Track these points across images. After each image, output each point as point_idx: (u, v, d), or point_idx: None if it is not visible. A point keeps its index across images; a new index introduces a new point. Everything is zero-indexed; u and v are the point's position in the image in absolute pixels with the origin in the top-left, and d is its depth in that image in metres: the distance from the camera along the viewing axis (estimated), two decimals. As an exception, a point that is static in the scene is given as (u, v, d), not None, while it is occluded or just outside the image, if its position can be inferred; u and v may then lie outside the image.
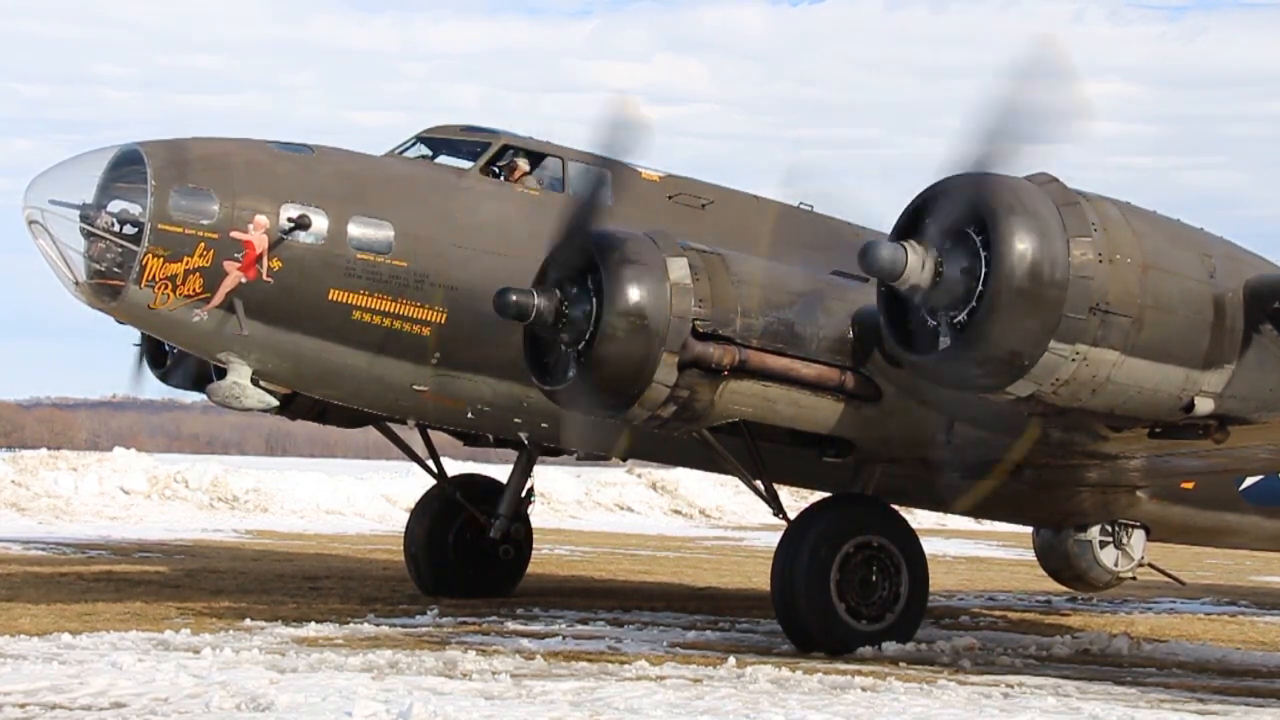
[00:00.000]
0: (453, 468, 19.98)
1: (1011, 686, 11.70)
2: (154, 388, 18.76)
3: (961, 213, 11.26)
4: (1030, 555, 19.48)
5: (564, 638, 13.84)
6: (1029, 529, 18.98)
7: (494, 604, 16.94)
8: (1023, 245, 10.96)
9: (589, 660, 12.30)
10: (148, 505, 35.32)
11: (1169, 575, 19.16)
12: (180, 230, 13.18)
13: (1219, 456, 13.61)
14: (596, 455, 17.83)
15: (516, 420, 15.07)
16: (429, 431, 18.04)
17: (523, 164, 14.92)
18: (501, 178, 14.90)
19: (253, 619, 14.21)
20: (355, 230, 13.75)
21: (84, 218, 13.08)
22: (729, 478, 18.60)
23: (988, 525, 29.08)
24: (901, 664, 12.86)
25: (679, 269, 12.71)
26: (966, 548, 34.65)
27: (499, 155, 14.89)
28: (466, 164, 14.81)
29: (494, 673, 11.15)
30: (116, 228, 13.10)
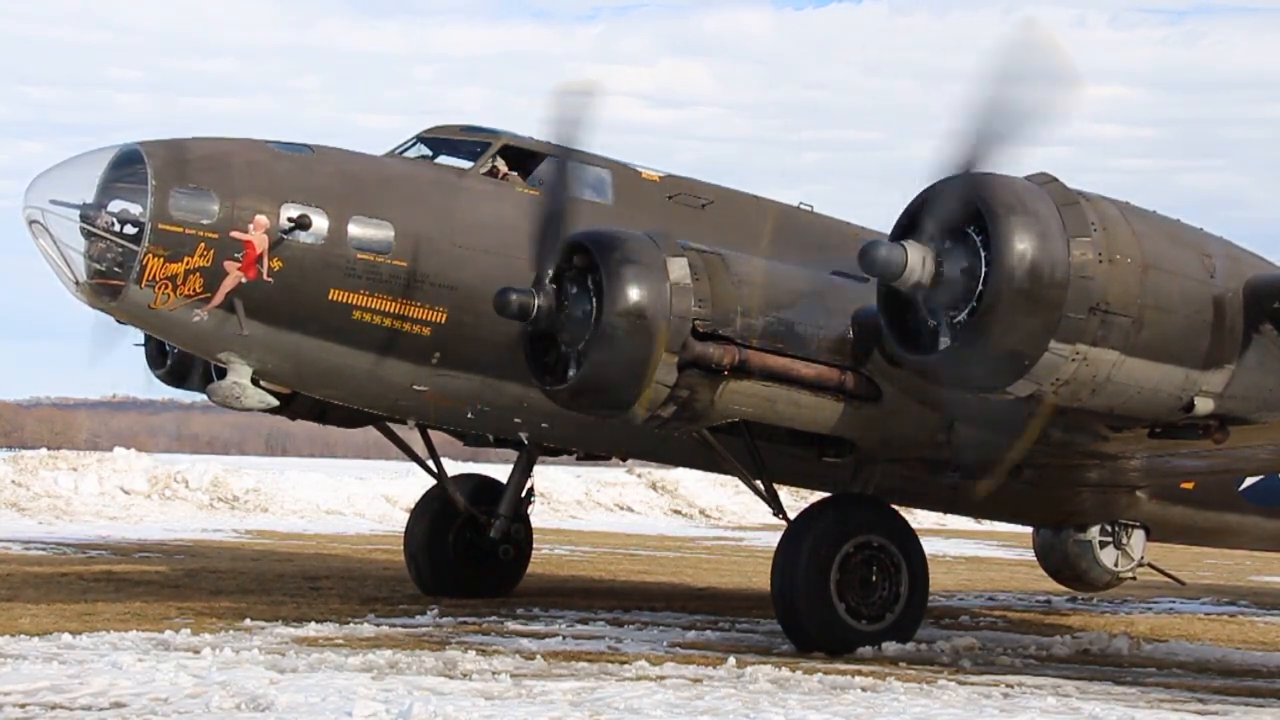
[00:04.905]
0: (453, 468, 19.97)
1: (1011, 686, 11.70)
2: (154, 388, 18.68)
3: (961, 212, 11.27)
4: (1030, 555, 19.48)
5: (564, 638, 13.84)
6: (1029, 529, 18.98)
7: (494, 604, 16.94)
8: (1023, 245, 10.96)
9: (589, 660, 12.30)
10: (148, 505, 35.32)
11: (1169, 575, 19.17)
12: (180, 230, 13.18)
13: (1219, 456, 13.61)
14: (596, 455, 17.84)
15: (516, 420, 15.07)
16: (429, 431, 18.03)
17: (501, 165, 14.89)
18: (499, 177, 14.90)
19: (253, 619, 14.21)
20: (355, 230, 13.74)
21: (84, 218, 13.07)
22: (729, 478, 18.59)
23: (988, 525, 29.11)
24: (901, 664, 12.86)
25: (679, 269, 12.71)
26: (966, 548, 34.66)
27: (499, 155, 14.89)
28: (467, 164, 14.81)
29: (494, 673, 11.14)
30: (117, 228, 13.09)
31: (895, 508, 14.51)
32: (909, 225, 11.54)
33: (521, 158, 15.01)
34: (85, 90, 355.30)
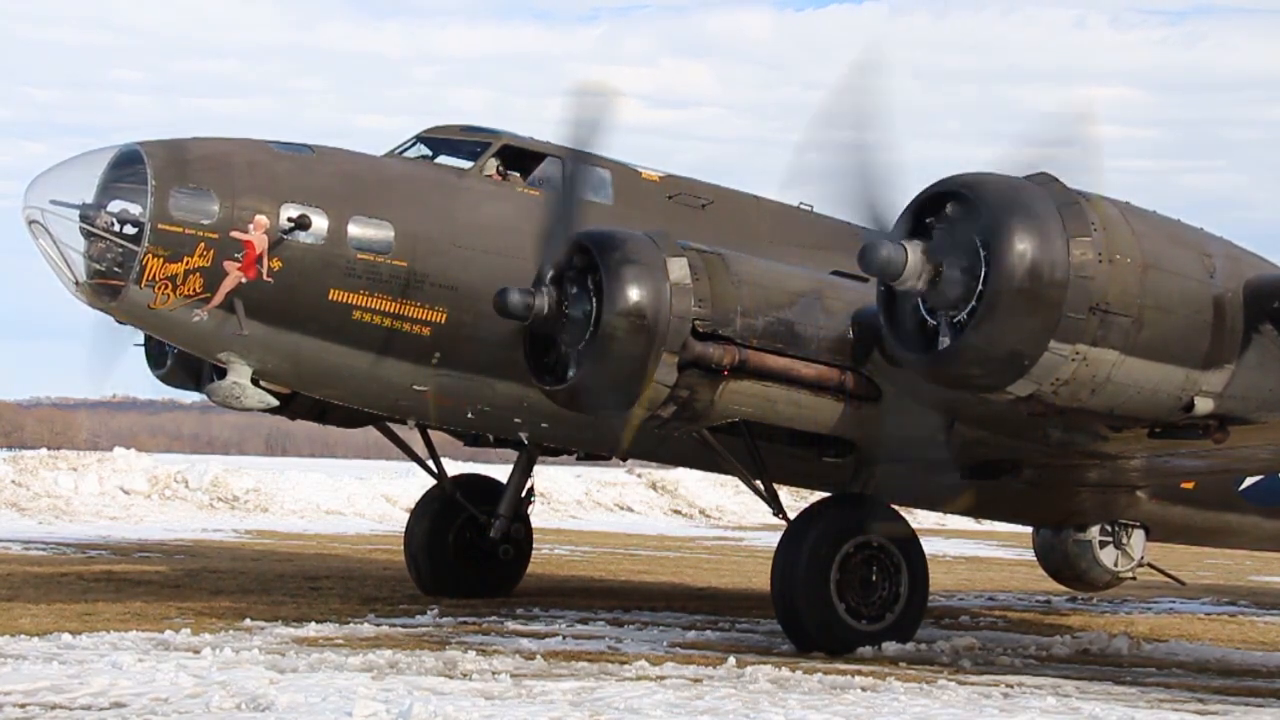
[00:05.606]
0: (453, 468, 19.97)
1: (1011, 686, 11.71)
2: (154, 387, 18.68)
3: (962, 213, 11.28)
4: (1030, 555, 19.47)
5: (564, 638, 13.85)
6: (1029, 529, 18.97)
7: (494, 604, 16.94)
8: (1022, 245, 10.96)
9: (589, 660, 12.30)
10: (148, 505, 35.32)
11: (1169, 575, 19.16)
12: (180, 230, 13.17)
13: (1219, 456, 13.60)
14: (596, 455, 17.83)
15: (516, 420, 15.06)
16: (429, 431, 18.03)
17: (501, 165, 14.88)
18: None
19: (253, 619, 14.21)
20: (355, 230, 13.74)
21: (84, 218, 13.07)
22: (729, 478, 18.60)
23: (988, 525, 29.11)
24: (901, 664, 12.86)
25: (679, 269, 12.71)
26: (966, 548, 34.65)
27: (499, 155, 14.89)
28: (466, 164, 14.81)
29: (494, 673, 11.15)
30: (116, 228, 13.09)
31: (895, 508, 14.51)
32: (909, 225, 11.54)
33: (521, 158, 15.01)
34: (88, 91, 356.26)
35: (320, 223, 13.60)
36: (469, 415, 14.99)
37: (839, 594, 13.53)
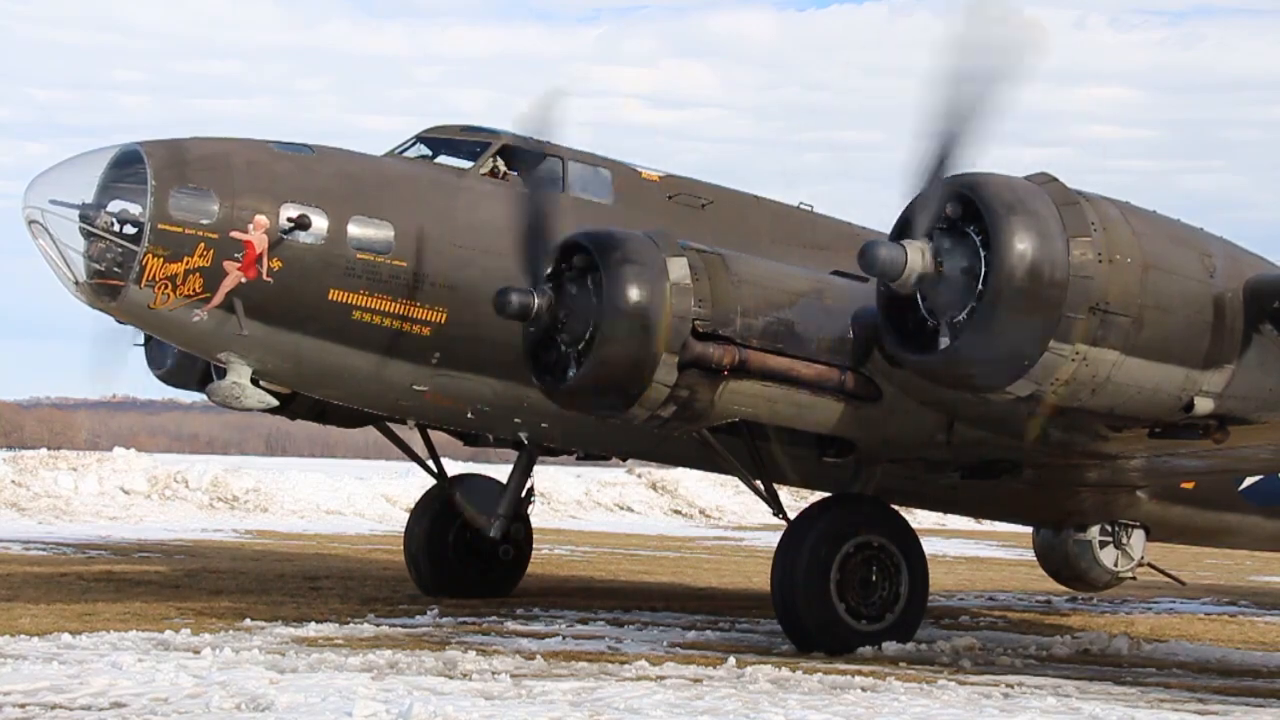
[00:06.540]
0: (453, 468, 19.96)
1: (1011, 686, 11.71)
2: (155, 387, 18.70)
3: (961, 212, 11.28)
4: (1030, 555, 19.48)
5: (564, 638, 13.84)
6: (1029, 529, 18.98)
7: (494, 604, 16.94)
8: (1022, 245, 10.96)
9: (589, 660, 12.30)
10: (148, 505, 35.32)
11: (1169, 575, 19.16)
12: (180, 230, 13.17)
13: (1219, 456, 13.61)
14: (596, 455, 17.83)
15: (516, 420, 15.06)
16: (429, 431, 18.02)
17: (501, 165, 14.89)
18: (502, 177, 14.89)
19: (253, 619, 14.21)
20: (355, 230, 13.74)
21: (84, 218, 13.06)
22: (729, 478, 18.59)
23: (988, 525, 29.12)
24: (901, 664, 12.86)
25: (679, 269, 12.70)
26: (966, 548, 34.65)
27: (499, 155, 14.88)
28: (466, 164, 14.81)
29: (494, 673, 11.14)
30: (116, 228, 13.08)
31: (895, 508, 14.51)
32: (909, 225, 11.54)
33: (521, 158, 15.00)
34: (89, 92, 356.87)
35: (320, 223, 13.59)
36: (469, 415, 14.99)
37: (839, 594, 13.52)
